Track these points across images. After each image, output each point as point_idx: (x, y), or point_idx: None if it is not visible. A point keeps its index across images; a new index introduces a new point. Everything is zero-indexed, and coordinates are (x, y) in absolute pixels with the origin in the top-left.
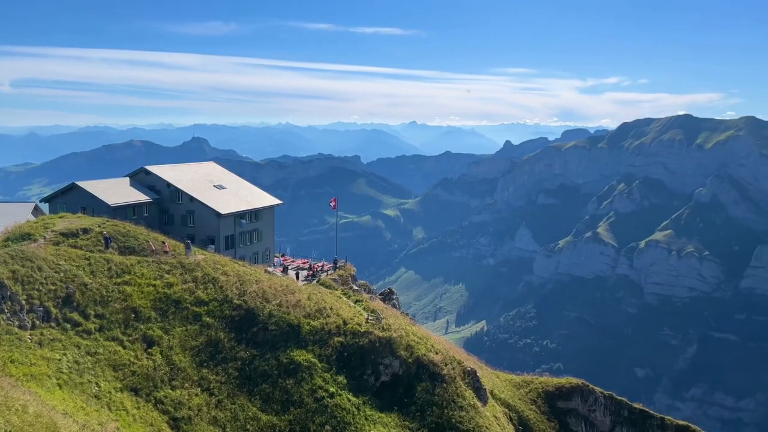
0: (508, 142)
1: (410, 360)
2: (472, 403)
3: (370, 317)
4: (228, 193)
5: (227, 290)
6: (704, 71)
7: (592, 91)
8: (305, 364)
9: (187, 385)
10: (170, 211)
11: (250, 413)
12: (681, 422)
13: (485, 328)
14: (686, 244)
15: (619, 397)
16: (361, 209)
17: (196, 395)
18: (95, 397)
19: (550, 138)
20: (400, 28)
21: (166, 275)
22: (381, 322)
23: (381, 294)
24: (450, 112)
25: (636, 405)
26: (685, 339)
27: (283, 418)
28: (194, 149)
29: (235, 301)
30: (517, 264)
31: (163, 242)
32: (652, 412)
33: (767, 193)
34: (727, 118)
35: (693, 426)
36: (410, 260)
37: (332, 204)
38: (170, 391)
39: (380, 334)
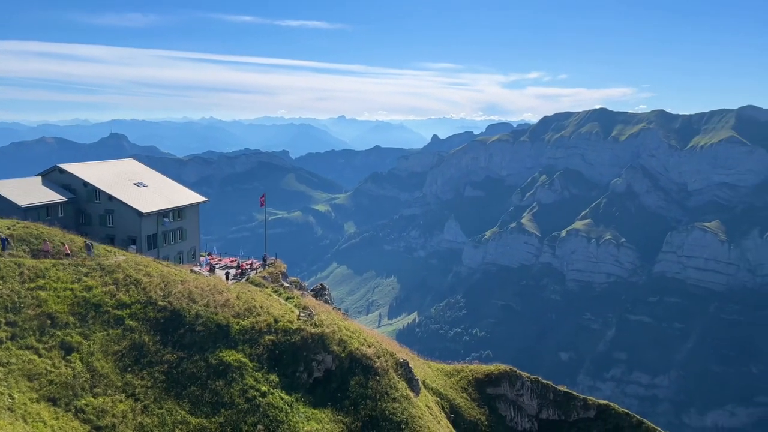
0: (435, 137)
1: (343, 355)
2: (404, 394)
3: (301, 314)
4: (149, 191)
5: (151, 292)
6: (618, 67)
7: (514, 86)
8: (235, 364)
9: (110, 391)
10: (88, 211)
11: (178, 417)
12: (602, 402)
13: (417, 320)
14: (604, 232)
15: (545, 381)
16: (291, 205)
17: (120, 402)
18: (8, 409)
19: (476, 132)
20: (325, 21)
21: (85, 278)
22: (313, 318)
23: (313, 290)
24: (378, 107)
25: (561, 387)
26: (605, 322)
27: (213, 420)
28: (112, 146)
29: (160, 302)
30: (447, 255)
31: (63, 243)
32: (575, 393)
33: (676, 182)
34: (639, 112)
35: (612, 404)
36: (342, 255)
37: (261, 200)
38: (92, 399)
39: (312, 331)
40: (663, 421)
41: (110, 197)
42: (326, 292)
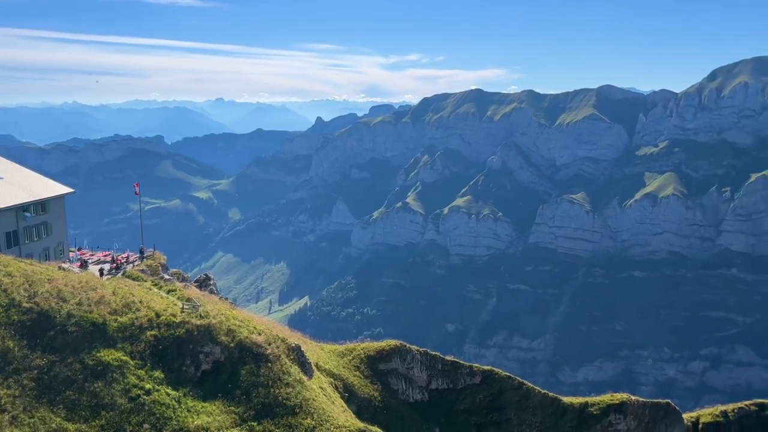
0: (319, 119)
1: (232, 345)
2: (298, 378)
3: (185, 306)
4: (6, 183)
5: (13, 293)
6: (491, 49)
7: (395, 68)
8: (115, 363)
9: None
10: None
11: (53, 425)
12: (486, 368)
13: (309, 304)
14: (483, 208)
15: (434, 353)
16: (169, 193)
17: None
18: None
19: (359, 114)
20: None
21: None
22: (198, 310)
23: (197, 281)
24: (259, 89)
25: (448, 358)
26: (487, 293)
27: (93, 424)
28: None
29: (25, 304)
30: (336, 238)
31: None
32: (462, 362)
33: (546, 158)
34: (511, 92)
35: (496, 369)
36: (227, 243)
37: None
38: None
39: (198, 323)
40: (541, 381)
41: None
42: (211, 282)
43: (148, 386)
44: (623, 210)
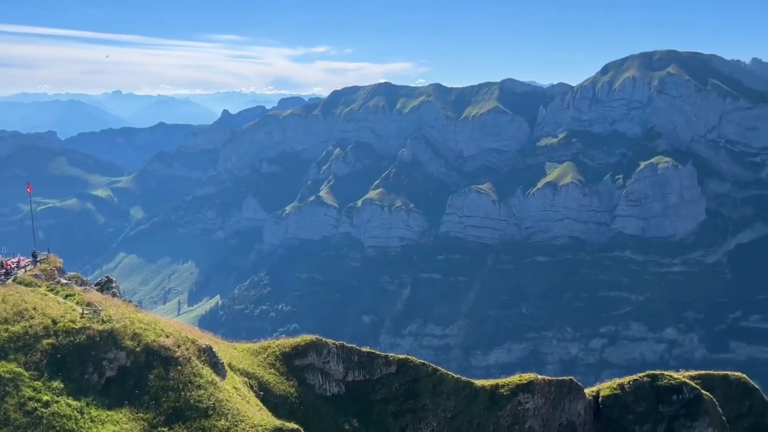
0: (225, 112)
1: (138, 349)
2: (210, 379)
3: (85, 311)
4: None
5: None
6: (399, 43)
7: (303, 60)
8: (7, 376)
9: None
10: None
11: None
12: (401, 356)
13: (220, 303)
14: (395, 200)
15: (350, 345)
16: (64, 192)
17: None
18: None
19: (268, 106)
20: None
21: None
22: (100, 314)
23: (97, 284)
24: (160, 81)
25: (364, 349)
26: (401, 283)
27: None
28: None
29: None
30: (247, 234)
31: None
32: (378, 352)
33: (453, 150)
34: (419, 86)
35: (411, 357)
36: (130, 243)
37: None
38: None
39: (100, 328)
40: (455, 366)
41: None
42: (113, 285)
43: (46, 398)
44: (527, 198)
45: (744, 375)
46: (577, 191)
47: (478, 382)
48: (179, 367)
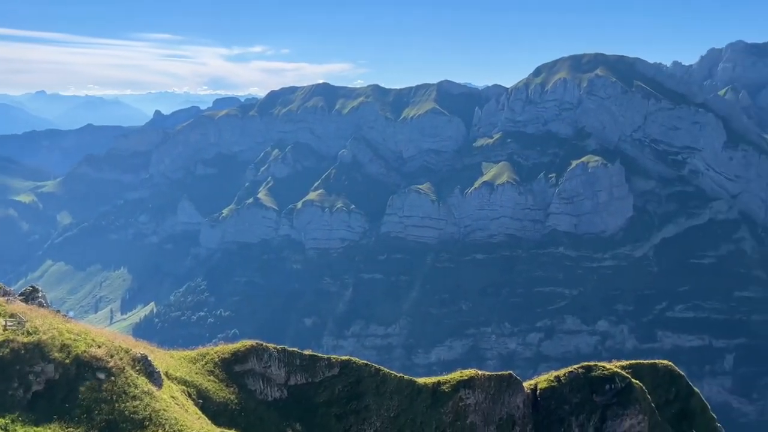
0: (158, 112)
1: (68, 361)
2: (146, 389)
3: (8, 323)
4: None
5: None
6: (337, 44)
7: (239, 60)
8: None
9: None
10: None
11: None
12: (344, 358)
13: (155, 310)
14: (336, 201)
15: (291, 349)
16: None
17: None
18: None
19: (202, 107)
20: None
21: None
22: (25, 326)
23: (22, 294)
24: (87, 80)
25: (306, 352)
26: (343, 284)
27: None
28: None
29: None
30: (183, 238)
31: None
32: (320, 354)
33: (393, 150)
34: (358, 86)
35: (354, 359)
36: (57, 251)
37: None
38: None
39: (25, 340)
40: (398, 365)
41: None
42: (40, 295)
43: None
44: (465, 198)
45: (670, 363)
46: (513, 190)
47: (421, 380)
48: (112, 378)
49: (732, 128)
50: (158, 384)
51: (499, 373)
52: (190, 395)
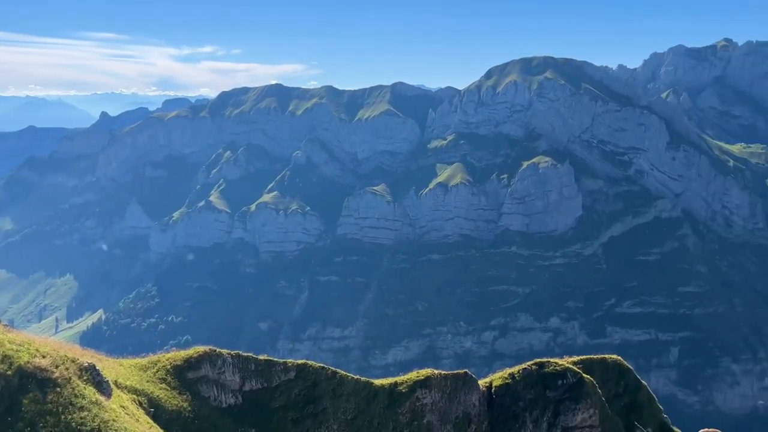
0: (104, 114)
1: (10, 372)
2: (94, 400)
3: None
4: None
5: None
6: (290, 44)
7: (188, 60)
8: None
9: None
10: None
11: None
12: (300, 361)
13: (103, 318)
14: (291, 203)
15: (246, 354)
16: None
17: None
18: None
19: (151, 108)
20: None
21: None
22: None
23: None
24: (28, 81)
25: (262, 357)
26: (298, 287)
27: None
28: None
29: None
30: (132, 243)
31: None
32: (276, 359)
33: (348, 152)
34: (311, 87)
35: (310, 362)
36: None
37: None
38: None
39: None
40: (354, 367)
41: None
42: None
43: None
44: (420, 199)
45: (619, 357)
46: (466, 191)
47: (378, 382)
48: (58, 389)
49: (674, 129)
50: (107, 394)
51: (455, 372)
52: (141, 404)
